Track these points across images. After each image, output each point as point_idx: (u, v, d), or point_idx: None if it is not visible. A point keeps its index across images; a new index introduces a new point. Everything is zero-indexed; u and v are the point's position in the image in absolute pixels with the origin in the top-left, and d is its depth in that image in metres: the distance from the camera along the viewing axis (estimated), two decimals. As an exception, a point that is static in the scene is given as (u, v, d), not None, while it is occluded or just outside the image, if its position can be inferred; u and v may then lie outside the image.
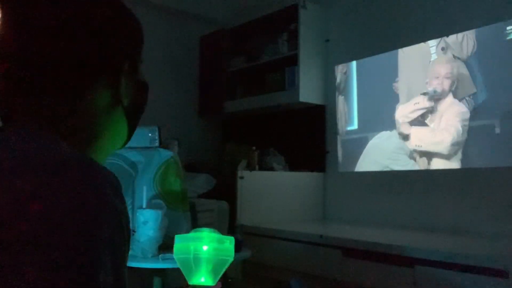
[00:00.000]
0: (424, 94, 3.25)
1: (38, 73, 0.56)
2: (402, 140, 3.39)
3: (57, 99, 0.57)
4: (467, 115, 2.99)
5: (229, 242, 0.76)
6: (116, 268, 0.47)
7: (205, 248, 0.74)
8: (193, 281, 0.74)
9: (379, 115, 3.56)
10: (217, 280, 0.74)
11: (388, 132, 3.49)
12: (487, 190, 2.85)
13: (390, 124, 3.45)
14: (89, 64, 0.59)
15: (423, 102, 3.26)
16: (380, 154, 3.55)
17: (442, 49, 3.18)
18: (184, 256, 0.74)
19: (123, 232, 0.50)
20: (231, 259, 0.75)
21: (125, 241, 0.50)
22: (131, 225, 1.95)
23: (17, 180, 0.46)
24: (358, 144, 3.66)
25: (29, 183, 0.46)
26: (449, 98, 3.11)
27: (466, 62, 3.03)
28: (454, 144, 3.05)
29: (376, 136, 3.56)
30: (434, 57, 3.23)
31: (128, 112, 0.66)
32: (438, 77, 3.19)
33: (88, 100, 0.60)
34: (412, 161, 3.31)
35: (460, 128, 3.02)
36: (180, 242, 0.75)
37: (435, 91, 3.19)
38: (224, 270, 0.75)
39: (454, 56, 3.10)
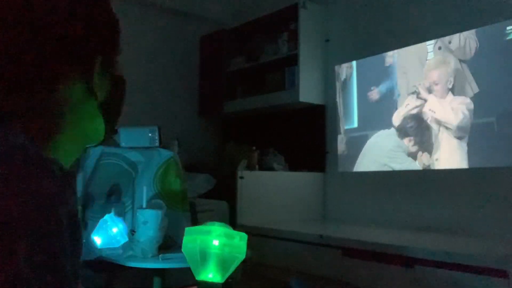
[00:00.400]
0: (417, 95, 3.26)
1: (6, 65, 0.55)
2: (400, 139, 3.41)
3: (28, 90, 0.56)
4: (471, 106, 2.99)
5: (239, 239, 0.73)
6: (36, 257, 0.45)
7: (216, 242, 0.72)
8: (200, 277, 0.72)
9: (378, 114, 3.56)
10: (226, 278, 0.72)
11: (387, 130, 3.49)
12: (487, 190, 2.85)
13: (389, 122, 3.46)
14: (59, 55, 0.58)
15: (416, 102, 3.26)
16: (379, 153, 3.55)
17: (439, 48, 3.19)
18: (191, 249, 0.72)
19: (54, 217, 0.48)
20: (241, 257, 0.73)
21: (60, 228, 0.49)
22: (131, 225, 1.96)
23: None
24: (358, 143, 3.66)
25: None
26: (449, 97, 3.11)
27: (466, 62, 3.03)
28: (460, 128, 3.04)
29: (376, 135, 3.56)
30: (431, 55, 3.24)
31: (103, 107, 0.64)
32: (435, 77, 3.20)
33: (59, 92, 0.59)
34: (410, 158, 3.31)
35: (467, 112, 3.01)
36: (189, 235, 0.73)
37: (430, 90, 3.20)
38: (233, 267, 0.73)
39: (452, 55, 3.10)
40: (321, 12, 3.88)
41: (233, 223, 3.27)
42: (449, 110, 3.14)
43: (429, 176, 3.20)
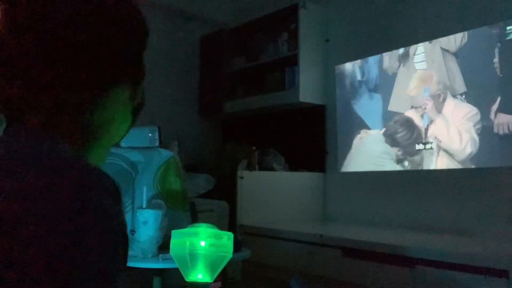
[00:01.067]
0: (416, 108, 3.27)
1: (64, 70, 0.55)
2: (389, 145, 3.44)
3: (81, 96, 0.57)
4: (477, 117, 2.98)
5: (227, 238, 0.74)
6: (101, 272, 0.46)
7: (202, 243, 0.72)
8: (190, 278, 0.72)
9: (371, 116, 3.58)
10: (214, 277, 0.73)
11: (378, 132, 3.51)
12: (487, 190, 2.85)
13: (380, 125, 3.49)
14: (114, 65, 0.59)
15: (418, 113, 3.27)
16: (366, 157, 3.60)
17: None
18: (180, 252, 0.73)
19: (113, 235, 0.49)
20: (229, 255, 0.74)
21: (116, 244, 0.49)
22: (131, 225, 1.96)
23: (7, 180, 0.46)
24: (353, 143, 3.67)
25: (16, 183, 0.46)
26: (451, 100, 3.11)
27: (465, 62, 3.03)
28: (463, 148, 3.06)
29: (366, 137, 3.59)
30: (421, 66, 3.25)
31: (135, 110, 0.66)
32: (429, 83, 3.21)
33: (109, 97, 0.60)
34: (399, 166, 3.34)
35: (474, 134, 2.99)
36: (176, 238, 0.73)
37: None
38: (222, 266, 0.73)
39: (449, 54, 3.10)
40: (321, 12, 3.88)
41: (233, 223, 3.27)
42: (454, 133, 3.12)
43: (429, 176, 3.20)
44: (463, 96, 3.03)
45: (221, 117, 4.51)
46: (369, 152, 3.60)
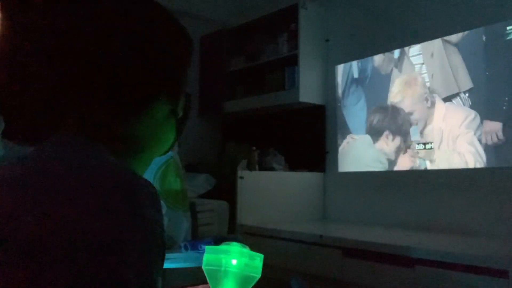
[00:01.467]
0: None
1: (106, 83, 0.56)
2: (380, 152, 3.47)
3: (121, 110, 0.58)
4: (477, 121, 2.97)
5: (259, 260, 0.76)
6: (146, 276, 0.47)
7: (234, 262, 0.74)
8: None
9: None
10: None
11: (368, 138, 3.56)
12: (487, 190, 2.85)
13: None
14: (155, 78, 0.60)
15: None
16: (358, 160, 3.63)
17: (432, 55, 3.19)
18: (214, 268, 0.75)
19: (156, 241, 0.50)
20: (258, 277, 0.76)
21: (158, 250, 0.50)
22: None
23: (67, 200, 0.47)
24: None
25: (74, 206, 0.46)
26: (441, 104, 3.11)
27: (465, 60, 3.03)
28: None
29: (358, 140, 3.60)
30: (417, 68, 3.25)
31: (179, 123, 0.67)
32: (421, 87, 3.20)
33: (149, 112, 0.61)
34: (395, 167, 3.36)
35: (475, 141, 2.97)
36: (211, 254, 0.76)
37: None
38: (250, 286, 0.76)
39: (451, 46, 3.11)
40: (321, 12, 3.88)
41: (233, 223, 3.27)
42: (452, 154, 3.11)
43: (429, 176, 3.20)
44: (466, 95, 3.01)
45: (221, 117, 4.51)
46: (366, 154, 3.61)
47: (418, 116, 3.29)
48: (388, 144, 3.50)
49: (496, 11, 2.88)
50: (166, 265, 1.77)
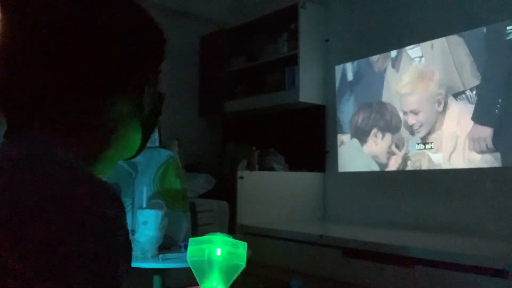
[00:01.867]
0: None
1: (63, 80, 0.55)
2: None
3: (81, 106, 0.57)
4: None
5: (242, 248, 0.76)
6: (100, 277, 0.46)
7: (218, 251, 0.74)
8: (205, 285, 0.74)
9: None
10: (228, 286, 0.75)
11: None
12: (487, 190, 2.85)
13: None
14: (116, 72, 0.59)
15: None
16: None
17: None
18: (198, 258, 0.74)
19: (114, 241, 0.48)
20: (243, 265, 0.76)
21: (117, 250, 0.49)
22: (131, 225, 1.96)
23: (15, 187, 0.47)
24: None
25: (22, 192, 0.46)
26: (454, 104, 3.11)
27: (466, 61, 3.03)
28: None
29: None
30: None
31: (145, 122, 0.65)
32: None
33: (111, 108, 0.60)
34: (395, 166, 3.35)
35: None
36: (195, 245, 0.75)
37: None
38: (236, 276, 0.75)
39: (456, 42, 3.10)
40: (321, 12, 3.88)
41: (233, 223, 3.27)
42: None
43: (429, 176, 3.20)
44: (473, 92, 2.97)
45: (221, 117, 4.50)
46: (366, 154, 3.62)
47: (424, 118, 3.24)
48: (377, 143, 3.49)
49: (496, 11, 2.88)
50: (166, 265, 1.78)
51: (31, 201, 0.45)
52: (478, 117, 2.92)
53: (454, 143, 3.05)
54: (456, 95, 3.06)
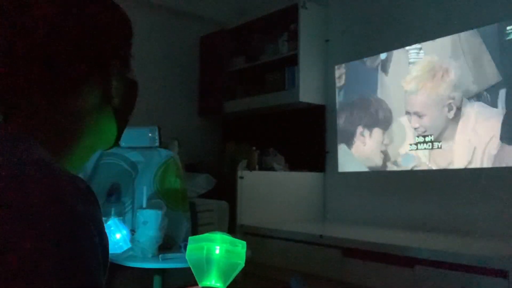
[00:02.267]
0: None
1: (25, 71, 0.55)
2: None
3: (45, 97, 0.56)
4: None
5: (241, 246, 0.76)
6: (74, 271, 0.45)
7: (217, 249, 0.74)
8: (204, 283, 0.74)
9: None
10: (227, 284, 0.75)
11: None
12: (487, 190, 2.85)
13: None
14: (78, 61, 0.58)
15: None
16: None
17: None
18: (197, 257, 0.74)
19: (86, 235, 0.47)
20: (242, 264, 0.76)
21: (92, 244, 0.48)
22: (131, 225, 1.96)
23: None
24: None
25: None
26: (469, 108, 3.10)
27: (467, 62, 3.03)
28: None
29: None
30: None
31: (117, 111, 0.64)
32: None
33: (76, 98, 0.59)
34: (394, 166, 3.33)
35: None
36: (193, 243, 0.75)
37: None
38: (235, 274, 0.75)
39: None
40: (321, 12, 3.88)
41: (233, 223, 3.27)
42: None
43: (429, 176, 3.20)
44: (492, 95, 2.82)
45: (221, 117, 4.51)
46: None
47: (430, 123, 3.17)
48: (365, 143, 3.47)
49: (496, 11, 2.88)
50: (166, 265, 1.78)
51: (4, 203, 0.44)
52: (507, 137, 2.73)
53: (470, 156, 2.96)
54: (471, 98, 2.94)
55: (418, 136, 3.24)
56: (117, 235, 1.83)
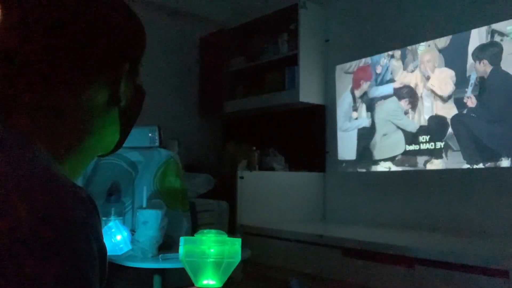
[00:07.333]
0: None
1: (36, 70, 0.55)
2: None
3: (54, 96, 0.56)
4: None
5: (235, 244, 0.76)
6: (72, 278, 0.44)
7: (211, 248, 0.74)
8: (200, 283, 0.74)
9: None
10: (223, 282, 0.75)
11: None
12: (487, 190, 2.85)
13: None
14: (89, 61, 0.58)
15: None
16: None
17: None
18: (191, 259, 0.74)
19: (84, 242, 0.47)
20: (237, 260, 0.76)
21: (90, 252, 0.48)
22: (131, 225, 1.96)
23: None
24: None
25: None
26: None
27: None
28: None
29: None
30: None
31: (122, 115, 0.64)
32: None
33: (85, 98, 0.58)
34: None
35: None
36: (187, 244, 0.75)
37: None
38: (231, 271, 0.75)
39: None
40: (321, 12, 3.88)
41: (233, 223, 3.27)
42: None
43: (428, 176, 3.20)
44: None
45: (221, 117, 4.51)
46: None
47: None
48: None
49: (496, 11, 2.88)
50: (166, 265, 1.78)
51: (7, 208, 0.44)
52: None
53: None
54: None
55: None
56: (118, 237, 1.83)
